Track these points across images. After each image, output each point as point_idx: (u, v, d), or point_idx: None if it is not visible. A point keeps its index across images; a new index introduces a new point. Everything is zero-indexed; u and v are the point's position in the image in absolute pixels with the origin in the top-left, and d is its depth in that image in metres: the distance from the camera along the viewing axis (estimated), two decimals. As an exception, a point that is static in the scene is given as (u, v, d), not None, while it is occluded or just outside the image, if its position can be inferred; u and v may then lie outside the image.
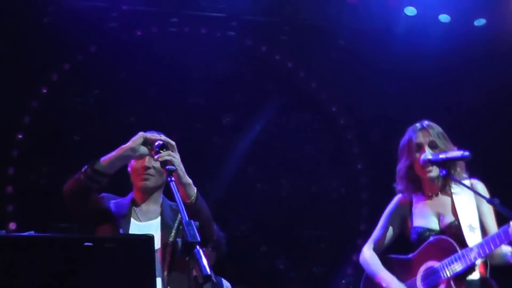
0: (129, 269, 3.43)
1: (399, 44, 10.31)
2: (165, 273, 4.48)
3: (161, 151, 4.41)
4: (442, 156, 5.11)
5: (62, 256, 3.33)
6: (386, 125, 11.02)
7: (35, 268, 3.29)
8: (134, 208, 4.88)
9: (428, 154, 5.20)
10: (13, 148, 10.00)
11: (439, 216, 5.25)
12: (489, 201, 4.79)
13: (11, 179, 10.03)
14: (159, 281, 4.41)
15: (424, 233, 5.18)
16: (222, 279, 8.57)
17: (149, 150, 4.58)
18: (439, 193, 5.38)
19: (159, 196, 4.92)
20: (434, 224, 5.22)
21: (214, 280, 8.43)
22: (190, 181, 4.51)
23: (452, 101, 10.78)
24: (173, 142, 4.53)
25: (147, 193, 4.88)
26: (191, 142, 10.27)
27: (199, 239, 3.58)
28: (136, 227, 4.72)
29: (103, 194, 4.97)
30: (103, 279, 3.41)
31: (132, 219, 4.77)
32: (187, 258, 3.59)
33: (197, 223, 3.80)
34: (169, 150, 4.44)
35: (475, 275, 5.04)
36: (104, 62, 10.30)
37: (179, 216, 4.63)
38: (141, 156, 4.67)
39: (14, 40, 9.71)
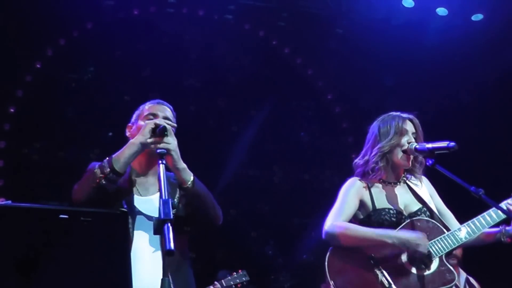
0: (103, 243, 3.42)
1: (397, 35, 10.31)
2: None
3: (163, 135, 4.33)
4: (428, 146, 5.12)
5: (38, 227, 3.31)
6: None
7: (11, 238, 3.27)
8: (134, 179, 4.73)
9: (415, 143, 5.22)
10: (5, 122, 9.97)
11: (404, 203, 5.28)
12: (474, 191, 4.79)
13: (2, 153, 10.01)
14: (159, 256, 4.39)
15: (397, 214, 5.18)
16: None
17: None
18: (399, 182, 5.41)
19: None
20: (400, 208, 5.23)
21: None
22: (184, 165, 4.44)
23: (447, 94, 10.82)
24: (169, 126, 4.42)
25: (151, 164, 4.73)
26: (185, 124, 10.24)
27: (171, 217, 3.58)
28: (138, 202, 4.60)
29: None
30: (77, 251, 3.39)
31: (134, 195, 4.64)
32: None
33: (174, 201, 3.78)
34: (167, 135, 4.36)
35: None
36: (100, 39, 10.26)
37: (178, 191, 4.60)
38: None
39: (10, 14, 9.66)
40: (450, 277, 5.00)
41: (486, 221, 5.12)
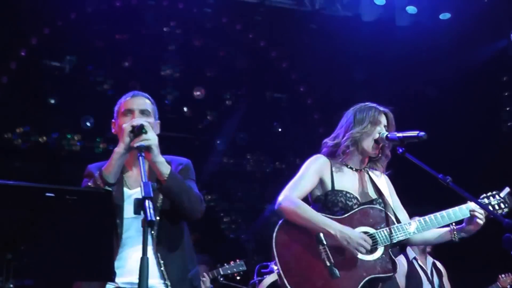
0: (87, 220, 3.40)
1: (368, 31, 10.32)
2: (155, 240, 4.39)
3: (141, 133, 4.28)
4: (399, 135, 5.10)
5: (24, 205, 3.30)
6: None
7: (-2, 214, 3.26)
8: (123, 174, 4.60)
9: (386, 132, 5.20)
10: (-11, 107, 9.92)
11: (362, 190, 5.23)
12: (442, 179, 4.77)
13: (-14, 137, 9.98)
14: (150, 248, 4.29)
15: (353, 199, 5.15)
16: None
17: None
18: (362, 170, 5.38)
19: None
20: (356, 194, 5.21)
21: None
22: (162, 159, 4.36)
23: (415, 88, 10.88)
24: (146, 123, 4.34)
25: (136, 159, 4.58)
26: (162, 112, 10.22)
27: (151, 195, 3.56)
28: (127, 194, 4.52)
29: (91, 169, 4.64)
30: (63, 228, 3.39)
31: (124, 188, 4.57)
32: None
33: (154, 184, 3.75)
34: (146, 131, 4.30)
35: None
36: (83, 29, 10.21)
37: None
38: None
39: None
40: (391, 267, 4.95)
41: (437, 220, 4.99)
